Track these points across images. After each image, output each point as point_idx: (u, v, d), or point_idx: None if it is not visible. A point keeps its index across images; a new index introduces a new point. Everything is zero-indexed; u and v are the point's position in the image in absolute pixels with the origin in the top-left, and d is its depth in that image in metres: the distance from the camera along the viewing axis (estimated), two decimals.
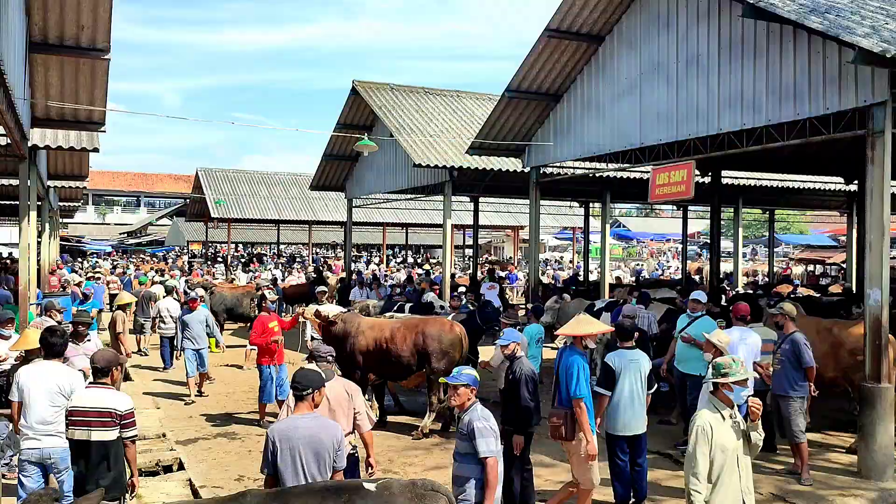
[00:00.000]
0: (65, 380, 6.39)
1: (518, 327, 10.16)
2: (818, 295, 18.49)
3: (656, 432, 9.33)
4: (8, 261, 32.19)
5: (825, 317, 11.67)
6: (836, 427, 10.35)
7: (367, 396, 10.79)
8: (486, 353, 11.29)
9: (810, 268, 36.43)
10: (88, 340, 8.78)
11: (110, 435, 5.73)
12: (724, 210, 25.03)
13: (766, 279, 28.87)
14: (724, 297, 18.40)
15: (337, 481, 4.46)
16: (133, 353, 14.68)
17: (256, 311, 14.35)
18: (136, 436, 5.97)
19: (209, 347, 12.91)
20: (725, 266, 29.12)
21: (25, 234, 12.22)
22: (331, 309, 11.13)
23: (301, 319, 11.74)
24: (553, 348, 12.85)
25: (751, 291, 18.96)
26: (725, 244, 36.66)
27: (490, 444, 5.11)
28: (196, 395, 12.42)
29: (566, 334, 7.00)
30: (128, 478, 5.93)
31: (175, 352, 14.36)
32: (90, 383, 6.09)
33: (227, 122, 29.64)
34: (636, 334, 7.77)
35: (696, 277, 29.06)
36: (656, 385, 7.80)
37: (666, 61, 11.82)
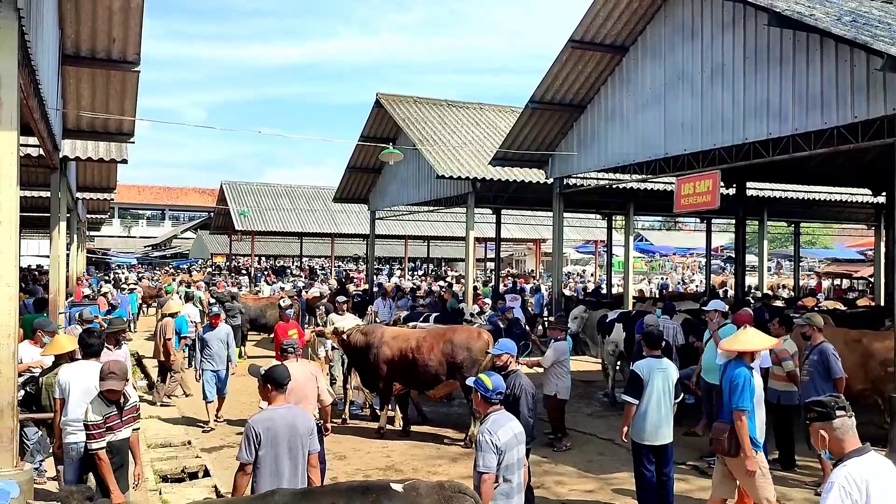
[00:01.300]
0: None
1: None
2: (845, 308, 18.24)
3: (682, 444, 9.23)
4: (36, 272, 32.66)
5: (853, 329, 11.51)
6: (865, 440, 10.15)
7: (390, 406, 10.84)
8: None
9: (837, 282, 35.95)
10: (121, 348, 8.91)
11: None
12: (749, 223, 24.81)
13: (792, 293, 28.52)
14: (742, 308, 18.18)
15: (364, 481, 4.46)
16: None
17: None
18: (97, 448, 5.89)
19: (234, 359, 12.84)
20: (750, 280, 28.85)
21: (55, 245, 12.44)
22: (347, 323, 11.23)
23: (314, 337, 11.88)
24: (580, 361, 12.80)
25: (780, 304, 18.74)
26: (750, 258, 36.29)
27: (487, 460, 4.89)
28: (215, 421, 11.31)
29: (736, 350, 6.73)
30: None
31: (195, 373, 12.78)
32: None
33: (253, 132, 30.01)
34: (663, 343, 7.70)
35: (720, 291, 28.78)
36: (681, 396, 7.72)
37: (690, 71, 11.80)
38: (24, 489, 4.96)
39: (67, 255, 19.96)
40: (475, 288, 21.52)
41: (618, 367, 12.95)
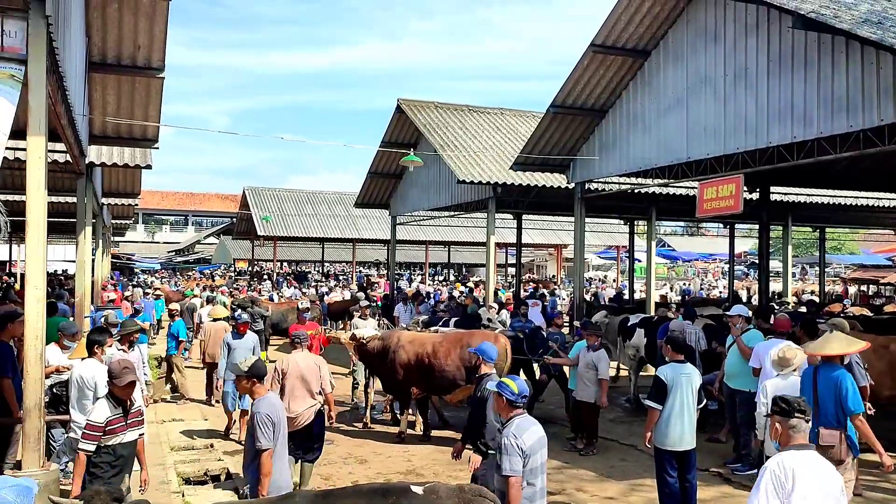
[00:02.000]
0: (90, 373, 6.67)
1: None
2: (872, 314, 17.97)
3: (705, 450, 9.14)
4: (62, 277, 33.10)
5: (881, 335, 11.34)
6: (893, 448, 9.99)
7: (410, 411, 10.85)
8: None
9: (863, 287, 35.45)
10: (134, 350, 9.00)
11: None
12: (773, 228, 24.55)
13: (817, 298, 28.16)
14: (773, 315, 17.98)
15: (385, 483, 4.48)
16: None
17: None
18: (86, 450, 5.71)
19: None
20: (774, 286, 28.53)
21: (82, 249, 12.61)
22: (366, 331, 11.28)
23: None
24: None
25: (804, 310, 18.51)
26: (774, 264, 35.90)
27: (513, 463, 4.90)
28: (233, 434, 10.68)
29: (826, 354, 6.68)
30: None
31: (216, 381, 12.04)
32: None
33: (276, 138, 30.36)
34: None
35: (743, 297, 28.51)
36: (704, 401, 7.65)
37: (713, 75, 11.72)
38: (51, 489, 5.02)
39: (93, 260, 20.25)
40: (496, 292, 21.52)
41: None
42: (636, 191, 17.65)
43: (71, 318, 11.48)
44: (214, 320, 13.40)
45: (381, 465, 9.34)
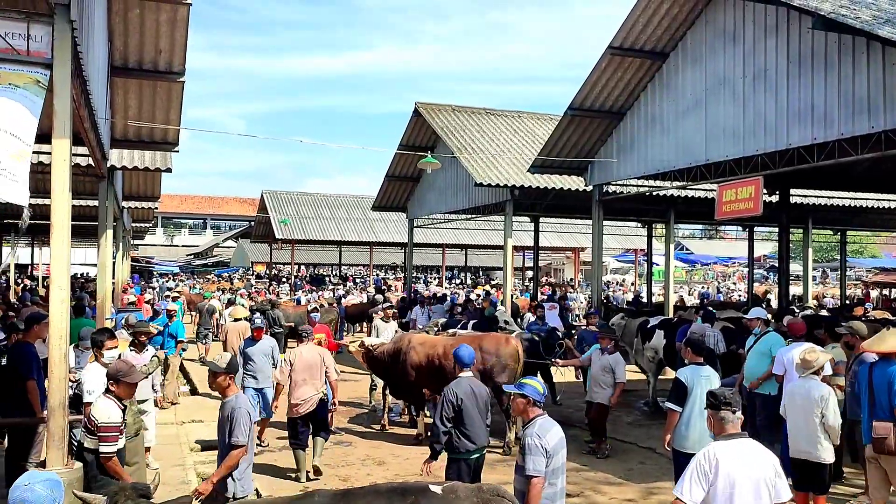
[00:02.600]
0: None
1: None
2: (894, 318, 17.76)
3: None
4: (83, 280, 33.46)
5: None
6: None
7: (425, 410, 10.88)
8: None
9: (885, 291, 35.05)
10: (147, 351, 9.07)
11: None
12: (793, 231, 24.34)
13: (838, 302, 27.89)
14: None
15: (403, 483, 4.49)
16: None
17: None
18: (111, 452, 5.57)
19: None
20: (794, 289, 28.25)
21: (103, 252, 12.74)
22: (384, 335, 11.37)
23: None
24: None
25: (826, 313, 18.34)
26: (794, 267, 35.56)
27: (537, 464, 4.92)
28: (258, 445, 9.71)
29: (883, 351, 6.88)
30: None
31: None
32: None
33: (294, 141, 30.61)
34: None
35: (763, 302, 28.26)
36: None
37: (732, 76, 11.67)
38: (75, 486, 5.07)
39: (113, 262, 20.47)
40: (512, 297, 21.48)
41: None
42: (654, 193, 17.58)
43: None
44: (235, 320, 13.73)
45: (399, 467, 9.37)
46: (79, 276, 36.60)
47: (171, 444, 10.17)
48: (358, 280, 47.04)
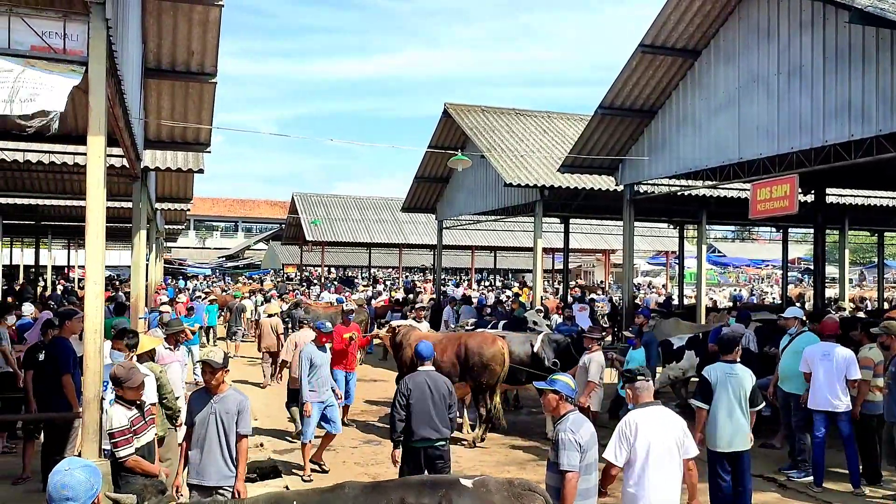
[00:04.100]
0: None
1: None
2: None
3: (759, 455, 8.93)
4: (117, 281, 34.00)
5: None
6: None
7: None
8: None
9: None
10: (179, 349, 9.21)
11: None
12: (829, 232, 23.89)
13: (875, 304, 27.33)
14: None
15: (434, 476, 4.48)
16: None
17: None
18: (125, 456, 5.56)
19: None
20: (830, 292, 27.74)
21: (137, 252, 12.93)
22: (403, 323, 11.93)
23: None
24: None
25: (863, 315, 17.99)
26: (830, 269, 34.91)
27: (571, 458, 4.93)
28: (311, 472, 9.21)
29: None
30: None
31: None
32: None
33: (325, 140, 30.82)
34: (738, 349, 7.43)
35: (797, 304, 27.79)
36: (763, 404, 7.42)
37: (766, 73, 11.49)
38: (106, 479, 5.13)
39: (147, 263, 20.78)
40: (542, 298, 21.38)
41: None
42: (686, 194, 17.38)
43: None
44: (269, 315, 15.63)
45: None
46: (113, 277, 37.18)
47: None
48: (388, 282, 47.15)
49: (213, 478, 5.70)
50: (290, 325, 18.06)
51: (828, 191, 18.04)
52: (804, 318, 9.98)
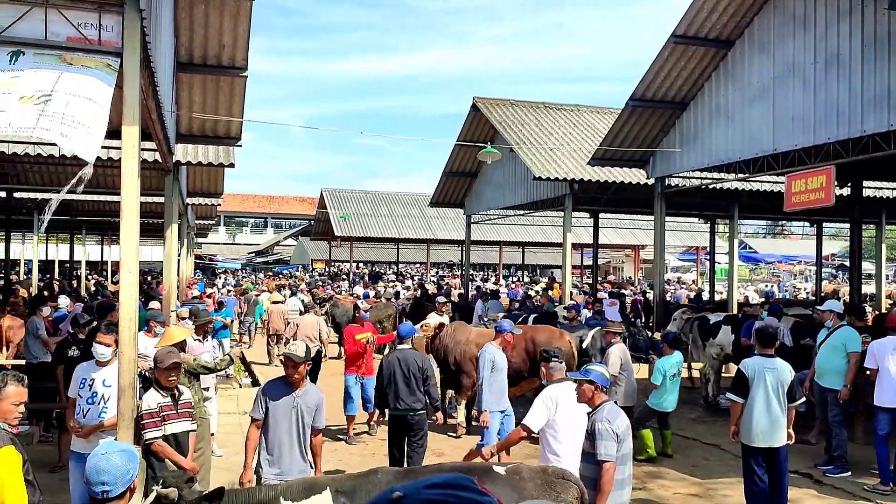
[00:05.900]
0: None
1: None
2: None
3: (794, 450, 8.76)
4: (149, 276, 34.46)
5: None
6: None
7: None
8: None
9: None
10: (208, 340, 9.34)
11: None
12: (865, 227, 23.39)
13: None
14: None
15: (466, 464, 4.46)
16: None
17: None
18: (152, 438, 5.70)
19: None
20: (866, 288, 27.20)
21: (168, 245, 13.07)
22: (433, 321, 11.57)
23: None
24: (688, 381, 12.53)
25: None
26: (866, 266, 34.22)
27: (608, 448, 4.94)
28: (359, 433, 10.68)
29: None
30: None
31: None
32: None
33: (354, 134, 31.31)
34: (777, 342, 7.32)
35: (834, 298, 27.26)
36: (802, 398, 7.26)
37: (802, 62, 11.27)
38: (142, 466, 5.18)
39: (178, 258, 21.02)
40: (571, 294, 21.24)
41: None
42: (718, 187, 17.14)
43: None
44: (274, 303, 17.25)
45: (458, 458, 9.31)
46: (145, 272, 37.67)
47: (234, 434, 10.34)
48: (416, 277, 47.22)
49: (294, 472, 5.59)
50: (326, 321, 18.04)
51: (865, 183, 17.69)
52: (841, 311, 9.78)
